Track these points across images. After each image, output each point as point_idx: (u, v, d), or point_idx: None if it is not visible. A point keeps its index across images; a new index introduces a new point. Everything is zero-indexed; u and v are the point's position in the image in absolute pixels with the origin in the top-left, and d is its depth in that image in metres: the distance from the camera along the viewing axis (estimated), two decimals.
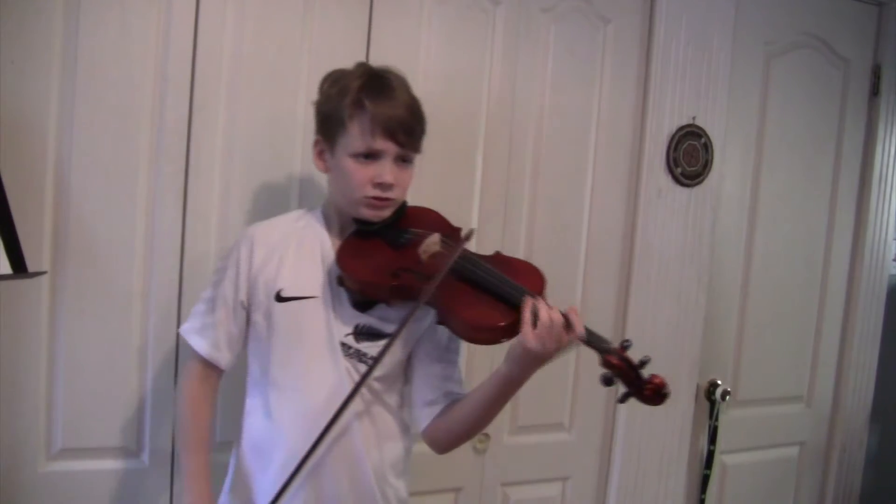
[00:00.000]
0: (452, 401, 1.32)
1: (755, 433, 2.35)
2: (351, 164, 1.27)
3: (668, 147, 2.03)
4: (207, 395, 1.37)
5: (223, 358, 1.35)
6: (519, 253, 1.87)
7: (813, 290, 2.38)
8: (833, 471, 2.48)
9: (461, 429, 1.31)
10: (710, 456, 2.19)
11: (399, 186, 1.30)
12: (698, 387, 2.18)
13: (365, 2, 1.69)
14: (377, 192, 1.27)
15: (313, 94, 1.35)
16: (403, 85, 1.31)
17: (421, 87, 1.69)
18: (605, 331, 1.22)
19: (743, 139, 2.20)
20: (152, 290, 1.56)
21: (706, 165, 2.08)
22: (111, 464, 1.57)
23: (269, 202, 1.62)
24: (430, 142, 1.35)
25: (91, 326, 1.52)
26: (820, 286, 2.39)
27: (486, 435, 1.89)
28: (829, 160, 2.35)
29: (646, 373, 1.17)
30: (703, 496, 2.21)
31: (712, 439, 2.19)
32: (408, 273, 1.27)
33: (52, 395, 1.51)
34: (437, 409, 1.32)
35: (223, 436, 1.55)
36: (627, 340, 1.19)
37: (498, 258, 1.34)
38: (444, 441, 1.34)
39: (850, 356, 2.44)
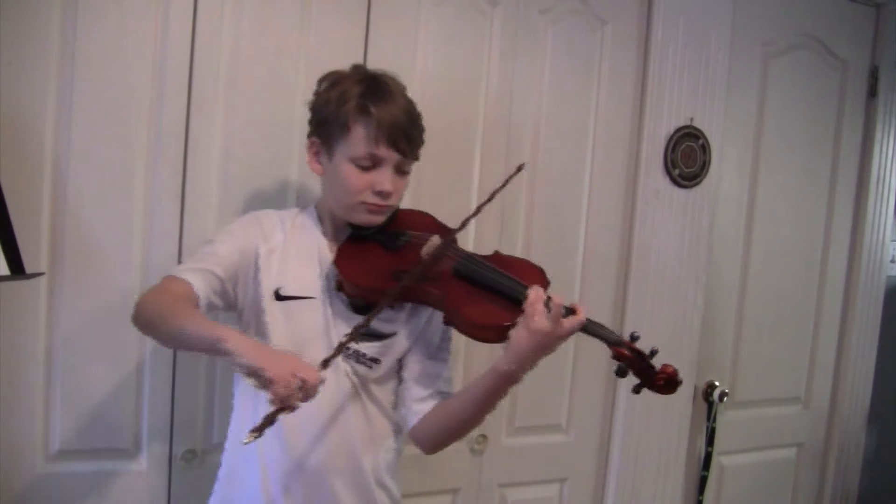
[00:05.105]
0: (442, 399, 1.32)
1: (753, 434, 2.35)
2: (350, 169, 1.27)
3: (666, 148, 2.03)
4: (182, 293, 1.21)
5: (202, 287, 1.22)
6: (516, 254, 1.87)
7: (811, 291, 2.38)
8: (830, 472, 2.48)
9: (454, 426, 1.29)
10: (708, 457, 2.19)
11: (396, 194, 1.30)
12: (696, 388, 2.18)
13: (362, 2, 1.69)
14: (375, 200, 1.28)
15: (311, 95, 1.34)
16: (401, 90, 1.31)
17: (418, 89, 1.71)
18: None
19: (741, 140, 2.20)
20: None
21: (704, 167, 2.08)
22: (109, 465, 1.57)
23: (266, 203, 1.61)
24: (427, 143, 1.35)
25: (89, 328, 1.52)
26: (818, 287, 2.39)
27: (484, 436, 1.89)
28: (827, 161, 2.35)
29: (657, 363, 1.18)
30: (700, 497, 2.21)
31: (710, 441, 2.19)
32: (408, 275, 1.27)
33: (49, 396, 1.51)
34: (427, 407, 1.31)
35: (220, 437, 1.55)
36: (636, 332, 1.20)
37: (498, 258, 1.34)
38: (435, 439, 1.32)
39: (847, 357, 2.44)
